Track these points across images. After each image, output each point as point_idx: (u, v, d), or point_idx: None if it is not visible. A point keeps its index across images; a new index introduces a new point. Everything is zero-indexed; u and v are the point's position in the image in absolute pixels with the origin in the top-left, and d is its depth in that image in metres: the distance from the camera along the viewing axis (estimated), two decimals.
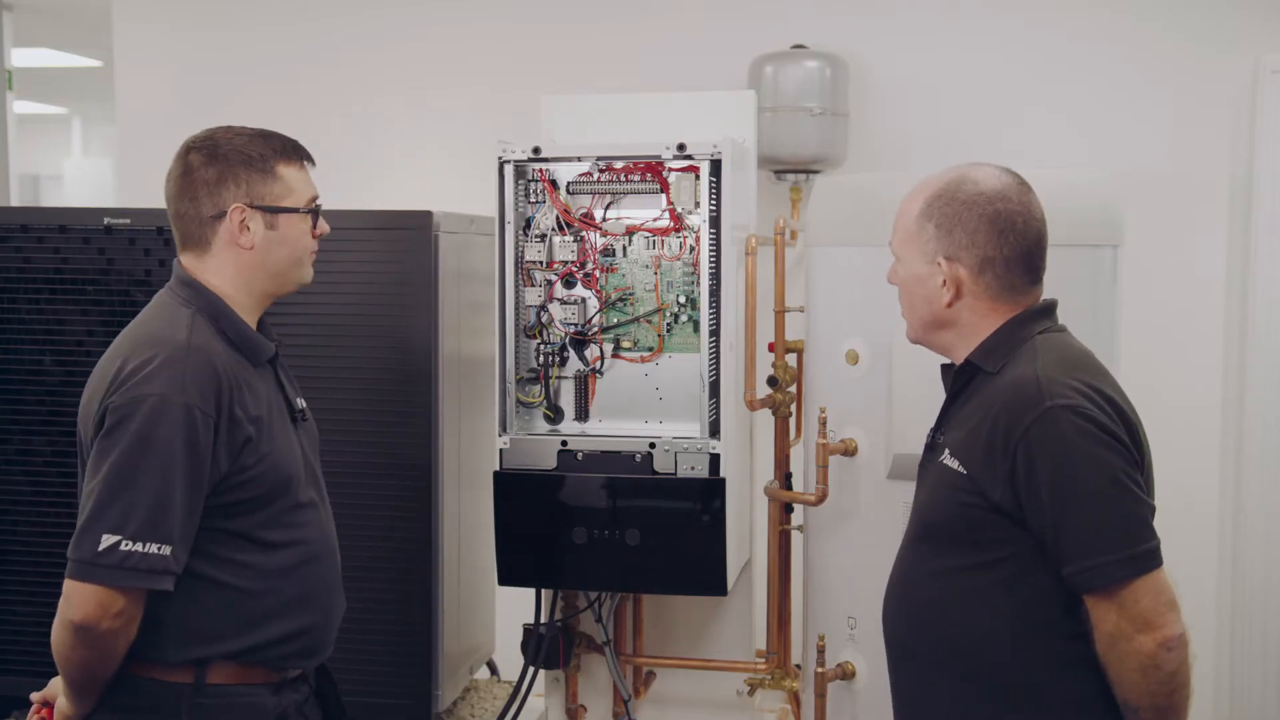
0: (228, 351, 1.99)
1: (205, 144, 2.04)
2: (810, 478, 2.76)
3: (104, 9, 4.36)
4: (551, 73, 3.91)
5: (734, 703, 3.09)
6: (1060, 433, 1.74)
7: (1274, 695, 3.58)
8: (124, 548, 1.85)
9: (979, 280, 1.90)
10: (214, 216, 2.02)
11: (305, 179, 2.11)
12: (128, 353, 1.94)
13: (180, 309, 2.01)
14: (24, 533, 2.98)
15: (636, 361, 2.76)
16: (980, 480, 1.81)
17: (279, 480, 2.02)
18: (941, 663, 1.89)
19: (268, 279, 2.08)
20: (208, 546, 1.96)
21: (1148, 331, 3.37)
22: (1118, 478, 1.74)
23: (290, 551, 2.04)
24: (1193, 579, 3.67)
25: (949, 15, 3.75)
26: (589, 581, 2.82)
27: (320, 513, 2.14)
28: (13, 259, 2.95)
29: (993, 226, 1.87)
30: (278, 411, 2.07)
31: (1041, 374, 1.79)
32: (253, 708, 2.02)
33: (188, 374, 1.90)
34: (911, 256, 1.95)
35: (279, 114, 4.05)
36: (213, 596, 1.97)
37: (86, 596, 1.86)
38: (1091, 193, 2.64)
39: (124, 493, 1.86)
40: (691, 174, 2.70)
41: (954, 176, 1.93)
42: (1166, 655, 1.73)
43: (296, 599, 2.05)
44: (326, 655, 2.17)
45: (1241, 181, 3.61)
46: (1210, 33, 3.63)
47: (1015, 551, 1.81)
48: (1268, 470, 3.57)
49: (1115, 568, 1.72)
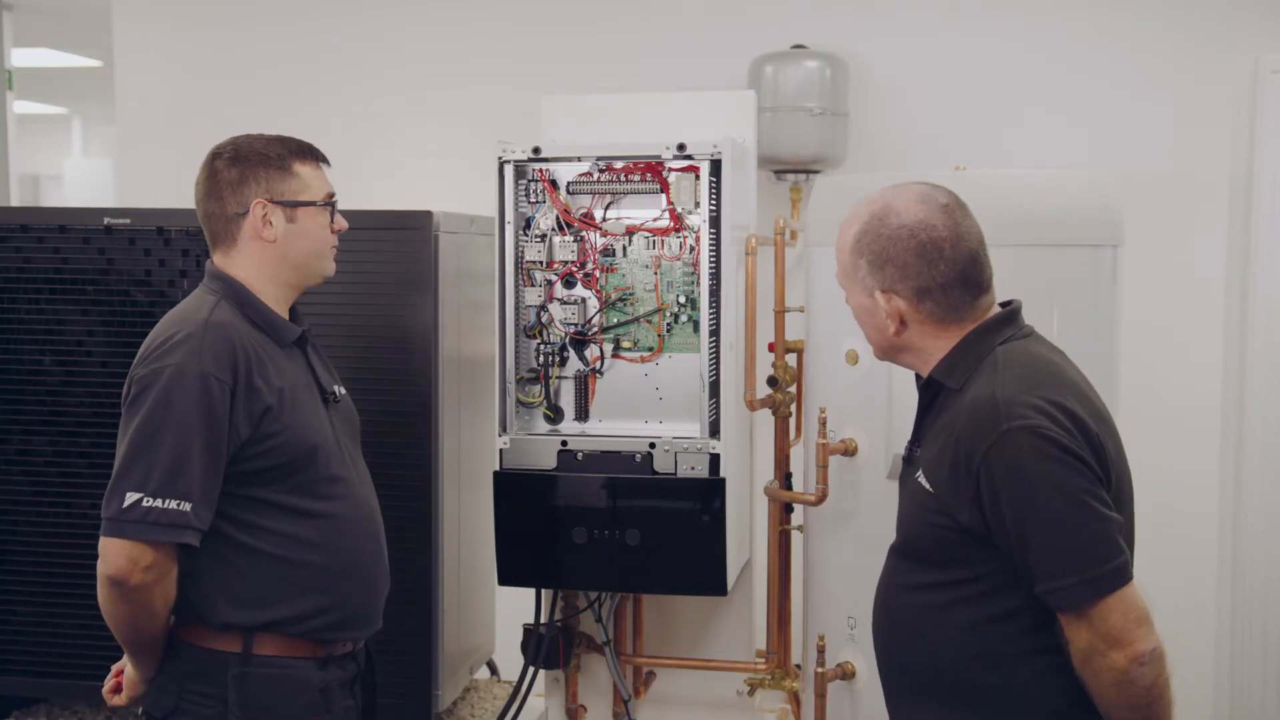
0: (251, 330, 2.14)
1: (227, 149, 2.22)
2: (810, 478, 2.76)
3: (104, 9, 4.36)
4: (551, 73, 3.91)
5: (734, 703, 3.09)
6: (1018, 456, 1.72)
7: (1274, 695, 3.58)
8: (145, 504, 1.99)
9: (920, 309, 1.89)
10: (238, 213, 2.19)
11: (320, 176, 2.27)
12: (156, 333, 2.11)
13: (207, 296, 2.18)
14: (24, 533, 2.99)
15: (636, 361, 2.76)
16: (946, 502, 1.81)
17: (303, 450, 2.13)
18: (919, 675, 1.90)
19: (291, 270, 2.22)
20: (244, 514, 2.10)
21: (1148, 331, 3.37)
22: (1078, 498, 1.71)
23: (324, 522, 2.16)
24: (1193, 579, 3.68)
25: (949, 15, 3.75)
26: (589, 581, 2.82)
27: (357, 489, 2.25)
28: (13, 259, 2.95)
29: (921, 258, 1.85)
30: (305, 388, 2.20)
31: (999, 394, 1.77)
32: (297, 679, 2.13)
33: (204, 346, 2.05)
34: (853, 289, 1.95)
35: (279, 114, 4.07)
36: (252, 563, 2.10)
37: (116, 551, 2.01)
38: (1091, 193, 2.64)
39: (145, 454, 2.01)
40: (691, 174, 2.70)
41: (877, 208, 1.90)
42: (1140, 670, 1.70)
43: (333, 569, 2.16)
44: (372, 630, 2.28)
45: (1241, 181, 3.61)
46: (1210, 33, 3.63)
47: (986, 570, 1.80)
48: (1268, 470, 3.57)
49: (1080, 589, 1.70)
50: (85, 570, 2.97)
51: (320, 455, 2.16)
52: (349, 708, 2.23)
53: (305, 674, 2.14)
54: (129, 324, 2.91)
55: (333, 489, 2.18)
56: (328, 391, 2.26)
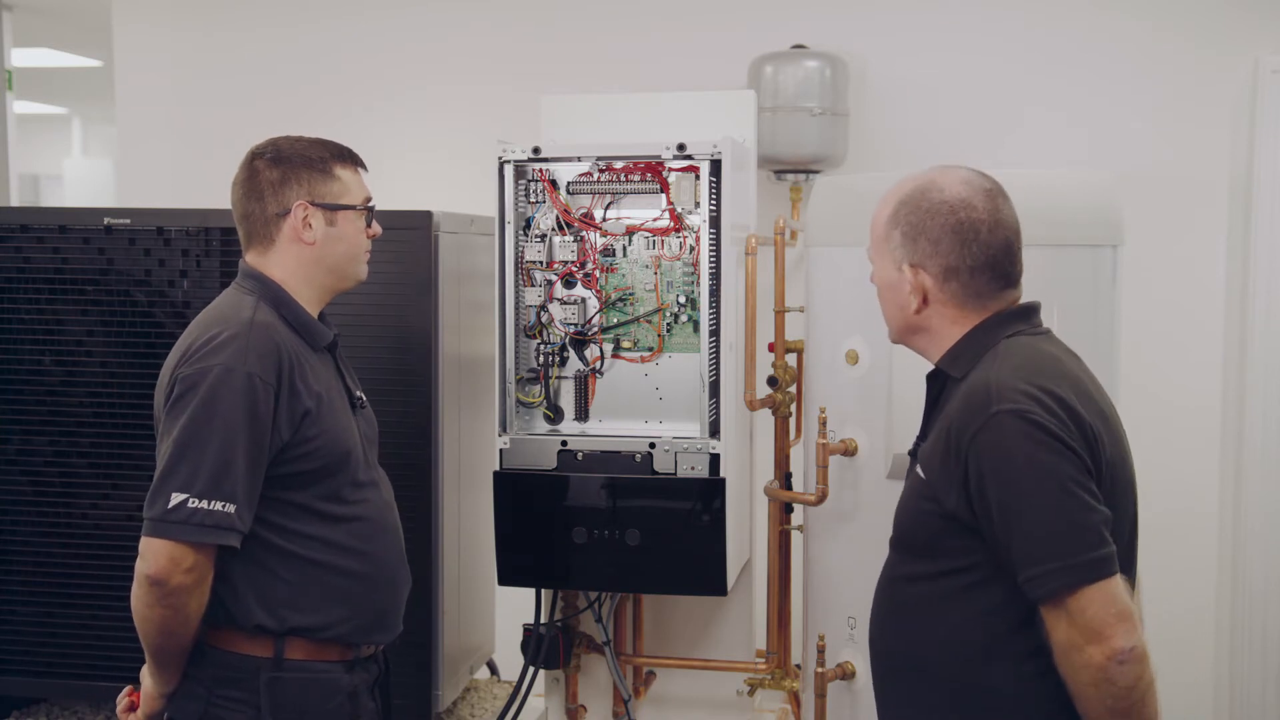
0: (289, 333, 2.14)
1: (269, 150, 2.21)
2: (810, 478, 2.76)
3: (104, 9, 4.36)
4: (551, 73, 3.91)
5: (734, 703, 3.09)
6: (1005, 438, 1.70)
7: (1274, 695, 3.58)
8: (191, 505, 1.99)
9: (944, 288, 1.87)
10: (279, 214, 2.18)
11: (359, 181, 2.28)
12: (197, 333, 2.10)
13: (245, 296, 2.17)
14: (24, 533, 2.99)
15: (636, 361, 2.76)
16: (936, 487, 1.80)
17: (338, 455, 2.15)
18: (911, 668, 1.88)
19: (326, 273, 2.23)
20: (275, 518, 2.10)
21: (1148, 331, 3.37)
22: (1064, 484, 1.68)
23: (352, 526, 2.17)
24: (1193, 579, 3.68)
25: (949, 15, 3.75)
26: (589, 581, 2.82)
27: (381, 493, 2.26)
28: (13, 259, 2.95)
29: (956, 236, 1.85)
30: (337, 394, 2.21)
31: (993, 379, 1.76)
32: (328, 683, 2.14)
33: (250, 346, 2.05)
34: (882, 262, 1.94)
35: (279, 114, 4.09)
36: (283, 567, 2.10)
37: (159, 551, 1.99)
38: (1091, 193, 2.64)
39: (191, 454, 2.00)
40: (691, 174, 2.70)
41: (922, 182, 1.90)
42: (1118, 668, 1.64)
43: (362, 573, 2.17)
44: (395, 633, 2.28)
45: (1241, 181, 3.61)
46: (1210, 33, 3.63)
47: (974, 561, 1.78)
48: (1268, 470, 3.57)
49: (1058, 575, 1.66)
50: (85, 570, 2.98)
51: (351, 461, 2.17)
52: (373, 710, 2.25)
53: (335, 678, 2.15)
54: (129, 324, 2.92)
55: (359, 494, 2.19)
56: (355, 397, 2.28)
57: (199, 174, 4.11)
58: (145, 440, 2.91)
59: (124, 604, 2.92)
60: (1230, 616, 3.64)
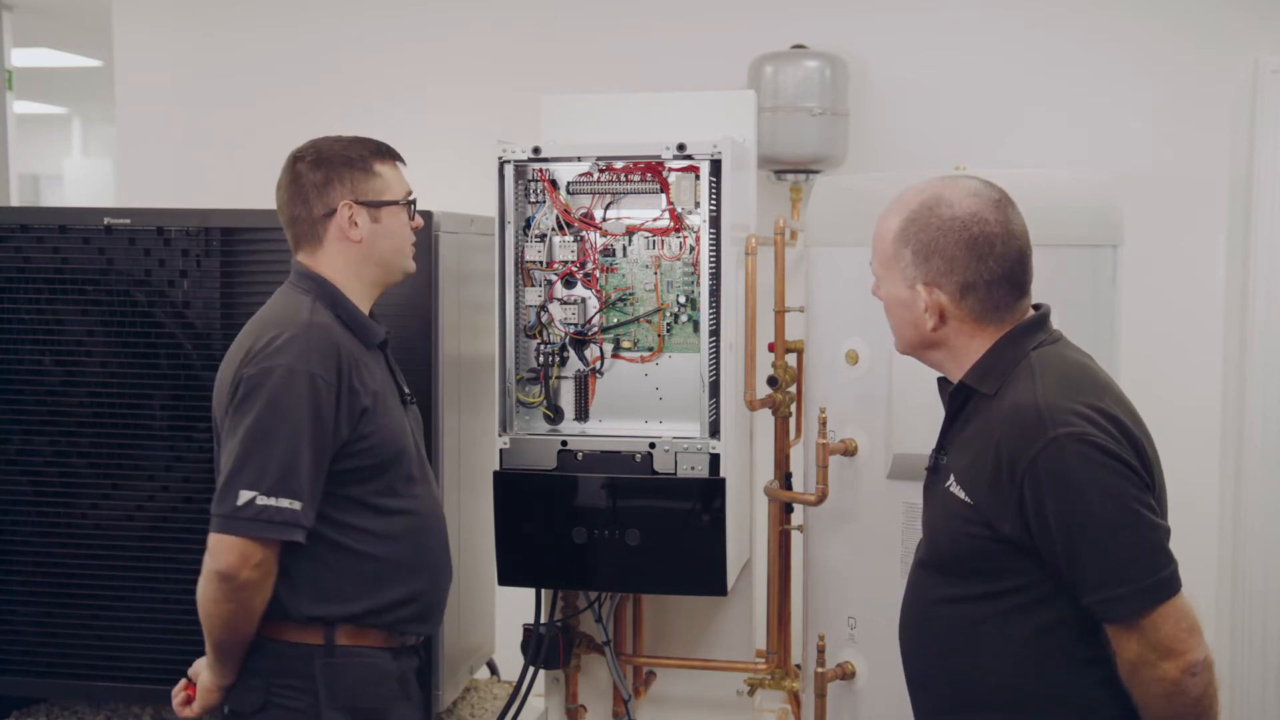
0: (344, 332, 2.20)
1: (309, 152, 2.25)
2: (810, 478, 2.76)
3: (104, 9, 4.36)
4: (551, 73, 3.91)
5: (734, 703, 3.09)
6: (1067, 464, 1.68)
7: (1274, 695, 3.58)
8: (259, 502, 2.05)
9: (961, 305, 1.84)
10: (325, 215, 2.23)
11: (399, 175, 2.31)
12: (258, 333, 2.15)
13: (301, 296, 2.22)
14: (24, 533, 2.99)
15: (636, 361, 2.76)
16: (987, 512, 1.76)
17: (393, 451, 2.21)
18: (958, 692, 1.85)
19: (375, 268, 2.27)
20: (331, 512, 2.15)
21: (1148, 331, 3.37)
22: (1129, 505, 1.68)
23: (402, 519, 2.23)
24: (1193, 579, 3.62)
25: (949, 15, 3.75)
26: (589, 581, 2.82)
27: (430, 488, 2.33)
28: (13, 259, 2.95)
29: (971, 251, 1.81)
30: (390, 391, 2.27)
31: (1042, 400, 1.73)
32: (379, 668, 2.20)
33: (311, 346, 2.11)
34: (891, 280, 1.89)
35: (279, 114, 4.09)
36: (336, 558, 2.16)
37: (229, 547, 2.05)
38: (1091, 193, 2.64)
39: (258, 453, 2.06)
40: (691, 174, 2.70)
41: (928, 197, 1.85)
42: (1191, 680, 1.67)
43: (410, 564, 2.23)
44: (439, 623, 2.38)
45: (1241, 181, 3.61)
46: (1210, 32, 3.63)
47: (1028, 581, 1.76)
48: (1268, 470, 3.57)
49: (1133, 599, 1.67)
50: (85, 570, 2.98)
51: (405, 457, 2.23)
52: (420, 696, 2.31)
53: (384, 663, 2.21)
54: (129, 324, 2.91)
55: (411, 488, 2.25)
56: (405, 394, 2.33)
57: (199, 174, 4.12)
58: (145, 440, 2.92)
59: (124, 604, 2.94)
60: (1230, 616, 3.63)
